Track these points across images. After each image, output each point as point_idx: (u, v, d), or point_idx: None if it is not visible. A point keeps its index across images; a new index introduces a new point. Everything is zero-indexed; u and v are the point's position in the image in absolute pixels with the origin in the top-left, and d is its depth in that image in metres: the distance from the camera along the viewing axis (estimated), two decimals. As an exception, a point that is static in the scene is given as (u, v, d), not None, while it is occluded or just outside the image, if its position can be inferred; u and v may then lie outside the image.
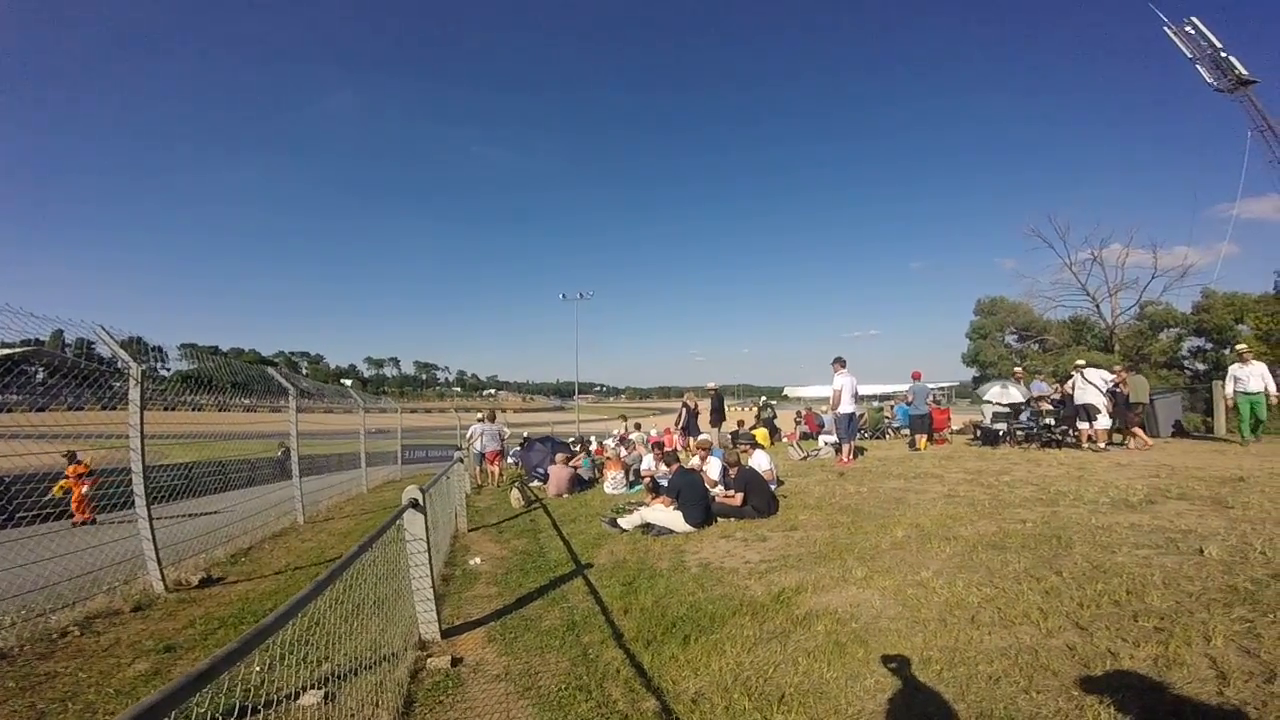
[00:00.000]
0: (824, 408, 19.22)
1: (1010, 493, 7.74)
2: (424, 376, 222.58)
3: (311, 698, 3.17)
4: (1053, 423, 12.56)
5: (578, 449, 15.37)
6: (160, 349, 6.77)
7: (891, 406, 20.18)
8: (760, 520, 7.44)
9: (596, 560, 6.49)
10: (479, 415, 15.77)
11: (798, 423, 20.77)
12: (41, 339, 5.88)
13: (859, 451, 13.13)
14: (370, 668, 3.30)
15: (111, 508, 6.49)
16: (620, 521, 7.75)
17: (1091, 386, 11.50)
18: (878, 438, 17.94)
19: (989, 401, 14.87)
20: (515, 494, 11.27)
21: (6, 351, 5.33)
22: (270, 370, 10.28)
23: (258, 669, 4.11)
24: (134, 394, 5.70)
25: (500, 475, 14.65)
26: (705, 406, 15.48)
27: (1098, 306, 33.71)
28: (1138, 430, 11.67)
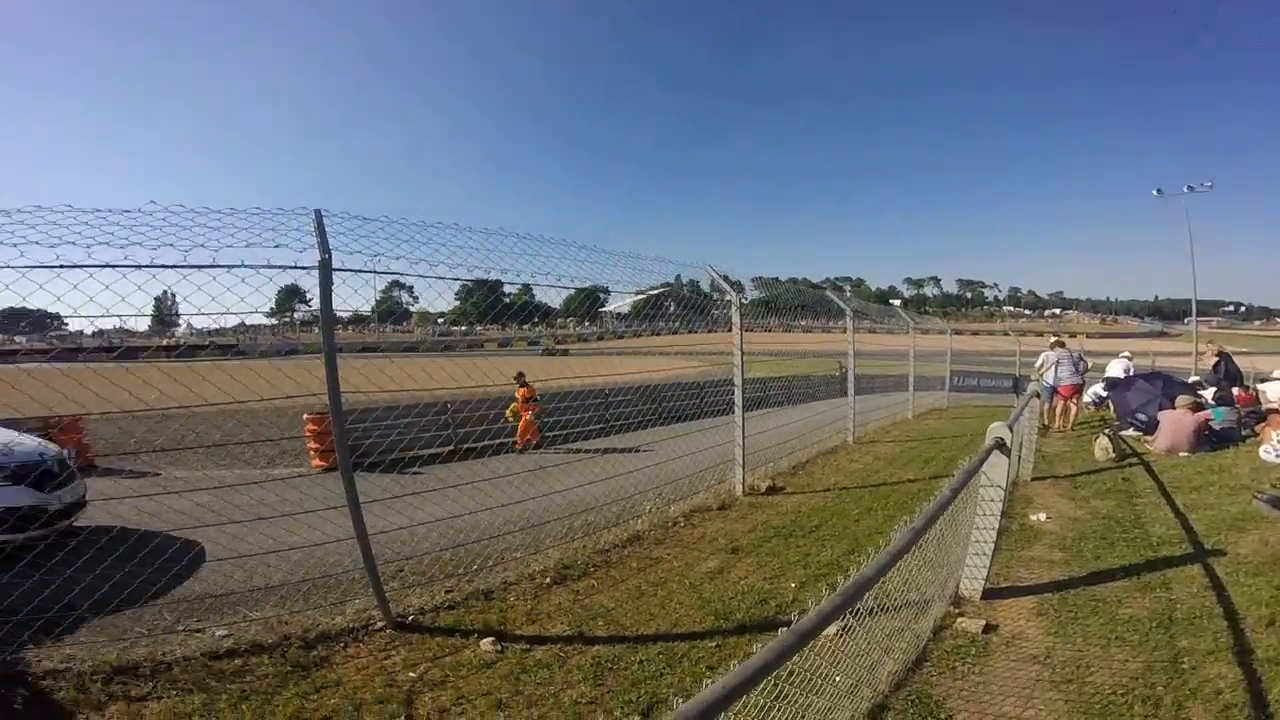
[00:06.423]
0: None
1: None
2: (968, 295, 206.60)
3: (832, 626, 3.06)
4: None
5: (1209, 391, 11.19)
6: (739, 282, 7.99)
7: None
8: None
9: (1234, 548, 4.83)
10: (1051, 340, 13.41)
11: None
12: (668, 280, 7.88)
13: None
14: (894, 610, 3.05)
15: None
16: (1290, 504, 5.18)
17: None
18: None
19: None
20: (1103, 442, 9.02)
21: (657, 291, 7.36)
22: (829, 293, 11.14)
23: (793, 585, 4.44)
24: (735, 317, 6.95)
25: (1076, 416, 12.16)
26: None
27: None
28: None
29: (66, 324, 4.55)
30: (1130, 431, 10.39)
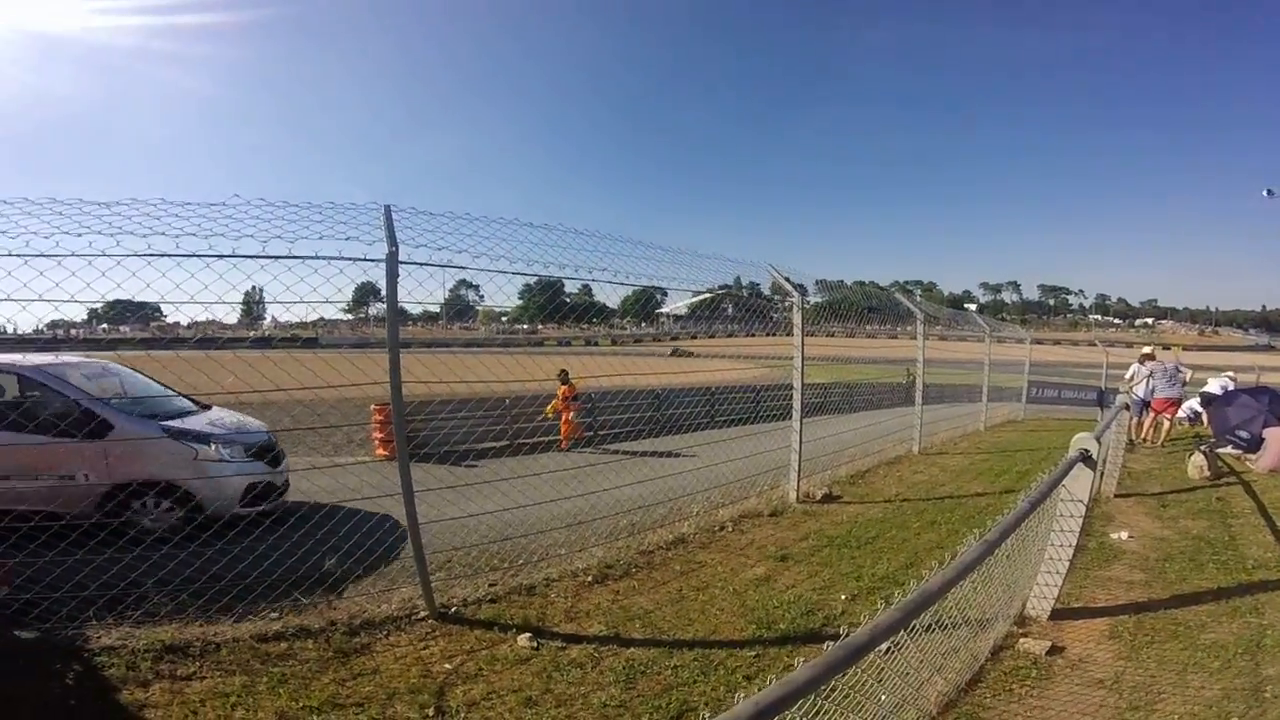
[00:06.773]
0: None
1: None
2: (1050, 302, 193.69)
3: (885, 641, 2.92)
4: None
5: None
6: (801, 285, 7.77)
7: None
8: None
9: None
10: (1144, 350, 12.57)
11: None
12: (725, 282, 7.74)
13: None
14: (950, 627, 2.89)
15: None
16: None
17: None
18: None
19: None
20: (1198, 460, 8.36)
21: (721, 292, 7.36)
22: (898, 295, 10.74)
23: (844, 597, 4.26)
24: (796, 319, 6.74)
25: (1169, 432, 11.30)
26: None
27: None
28: None
29: (164, 315, 4.92)
30: (1229, 449, 9.60)
